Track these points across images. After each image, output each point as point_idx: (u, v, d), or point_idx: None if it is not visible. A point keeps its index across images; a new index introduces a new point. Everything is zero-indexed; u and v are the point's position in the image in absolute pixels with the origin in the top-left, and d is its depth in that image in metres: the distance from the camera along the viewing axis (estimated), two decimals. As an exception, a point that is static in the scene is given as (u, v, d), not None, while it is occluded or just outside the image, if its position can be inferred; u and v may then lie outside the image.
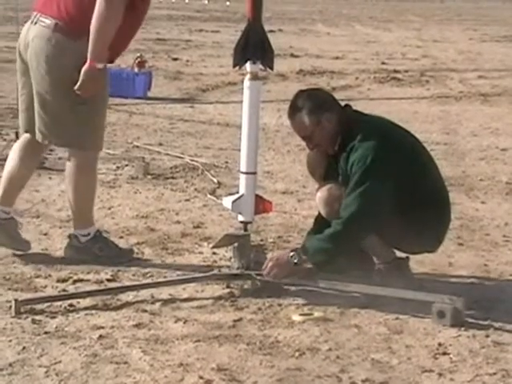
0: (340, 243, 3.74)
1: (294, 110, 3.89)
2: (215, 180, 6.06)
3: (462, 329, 3.47)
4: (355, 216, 3.68)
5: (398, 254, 3.98)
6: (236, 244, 3.98)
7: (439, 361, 3.22)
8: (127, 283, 3.94)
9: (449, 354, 3.27)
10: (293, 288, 3.89)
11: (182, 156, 6.84)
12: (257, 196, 4.00)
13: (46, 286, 3.88)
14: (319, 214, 4.02)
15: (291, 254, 3.79)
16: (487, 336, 3.42)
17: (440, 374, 3.11)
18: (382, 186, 3.69)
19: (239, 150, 4.00)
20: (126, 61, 12.82)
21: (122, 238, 4.67)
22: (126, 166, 6.45)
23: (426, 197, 3.84)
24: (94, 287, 3.88)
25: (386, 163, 3.72)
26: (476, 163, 7.04)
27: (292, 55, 16.78)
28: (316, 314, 3.59)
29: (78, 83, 3.95)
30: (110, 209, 5.27)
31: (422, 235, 3.83)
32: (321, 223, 3.96)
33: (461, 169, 6.73)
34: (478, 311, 3.65)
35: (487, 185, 6.21)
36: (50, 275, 4.02)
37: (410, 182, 3.79)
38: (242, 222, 3.99)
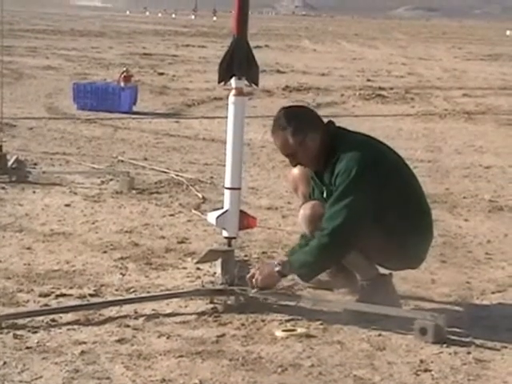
0: (325, 256, 3.74)
1: (277, 127, 3.87)
2: (200, 195, 6.06)
3: (444, 346, 3.48)
4: (341, 228, 3.67)
5: (381, 270, 3.99)
6: (220, 259, 3.98)
7: (421, 377, 3.22)
8: (110, 298, 3.93)
9: (430, 370, 3.28)
10: (276, 304, 3.89)
11: (167, 171, 6.84)
12: (241, 212, 4.00)
13: (28, 301, 3.86)
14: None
15: (276, 264, 3.80)
16: (469, 353, 3.43)
17: (422, 391, 3.12)
18: (367, 198, 3.70)
19: (224, 166, 4.01)
20: (111, 75, 12.81)
21: (105, 252, 4.66)
22: (111, 180, 6.44)
23: (409, 213, 3.84)
24: (77, 302, 3.86)
25: (370, 176, 3.72)
26: (460, 181, 7.08)
27: (278, 71, 16.86)
28: (299, 330, 3.59)
29: None
30: (94, 223, 5.26)
31: (404, 252, 3.84)
32: (308, 239, 3.96)
33: (444, 186, 6.77)
34: (459, 328, 3.66)
35: (470, 202, 6.25)
36: (32, 290, 4.00)
37: (393, 197, 3.80)
38: (226, 237, 4.00)
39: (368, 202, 3.70)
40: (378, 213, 3.73)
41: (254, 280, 3.81)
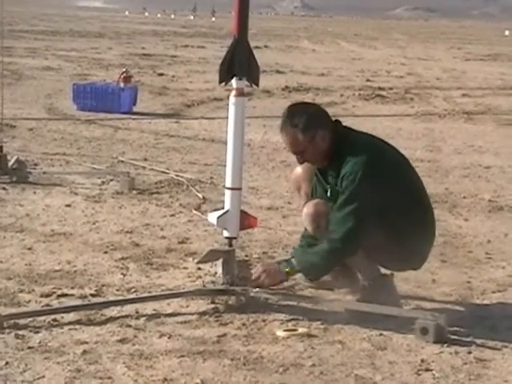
0: (336, 259, 3.80)
1: (287, 125, 3.86)
2: (200, 195, 6.07)
3: (445, 345, 3.49)
4: (353, 233, 3.70)
5: (383, 270, 3.99)
6: (221, 259, 3.99)
7: (422, 377, 3.23)
8: (111, 298, 3.94)
9: (431, 370, 3.28)
10: (277, 303, 3.89)
11: (167, 171, 6.85)
12: (242, 212, 4.01)
13: (29, 301, 3.87)
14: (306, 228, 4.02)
15: (283, 263, 3.82)
16: (470, 352, 3.44)
17: (423, 390, 3.12)
18: (373, 201, 3.71)
19: (224, 166, 4.02)
20: (111, 76, 12.83)
21: (106, 252, 4.66)
22: (111, 180, 6.44)
23: (411, 213, 3.85)
24: (78, 302, 3.87)
25: (374, 178, 3.74)
26: (459, 180, 7.09)
27: (278, 71, 16.87)
28: (300, 330, 3.60)
29: None
30: (94, 223, 5.27)
31: (406, 252, 3.84)
32: (308, 238, 3.98)
33: (444, 186, 6.78)
34: (460, 328, 3.67)
35: (470, 202, 6.25)
36: (33, 290, 4.01)
37: (396, 197, 3.81)
38: (227, 237, 4.00)
39: (374, 205, 3.72)
40: (381, 213, 3.74)
41: (259, 280, 3.83)
